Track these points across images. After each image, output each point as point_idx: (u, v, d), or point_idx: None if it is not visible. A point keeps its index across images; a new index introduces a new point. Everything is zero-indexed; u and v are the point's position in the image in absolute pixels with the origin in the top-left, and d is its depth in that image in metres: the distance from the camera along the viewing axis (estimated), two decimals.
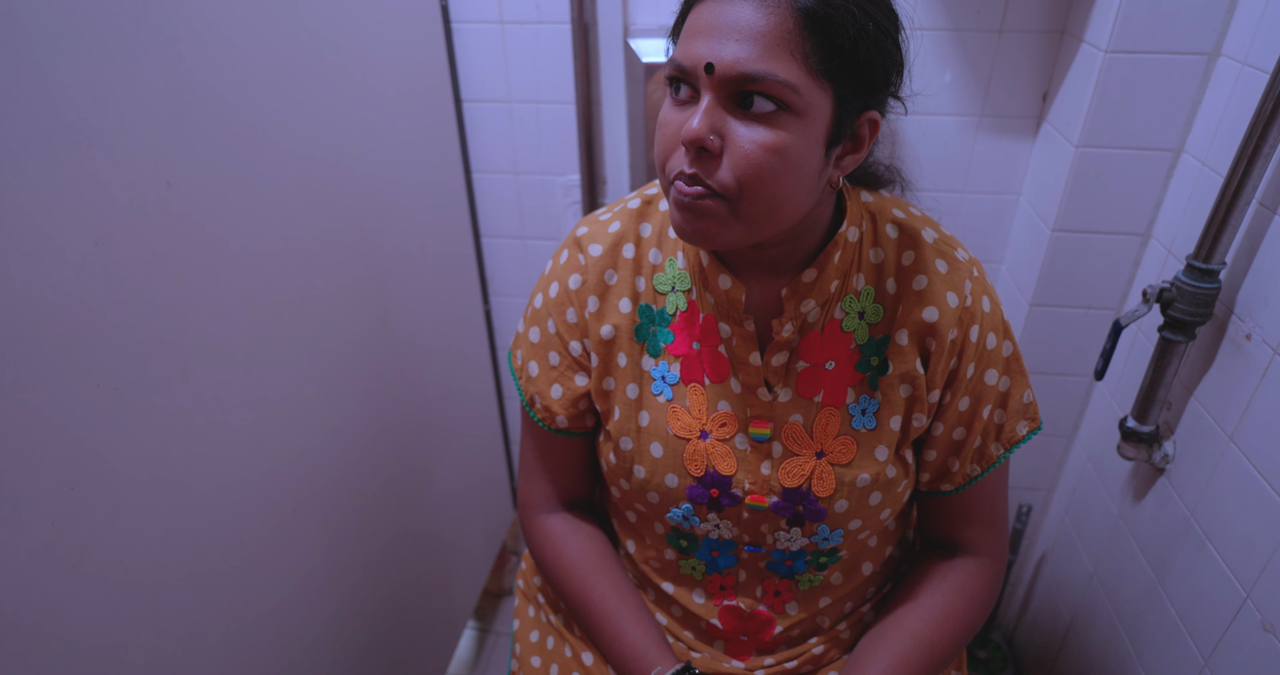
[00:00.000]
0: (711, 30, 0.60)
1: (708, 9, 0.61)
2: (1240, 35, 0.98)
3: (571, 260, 0.81)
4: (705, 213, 0.63)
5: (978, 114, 1.26)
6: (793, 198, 0.64)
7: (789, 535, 0.79)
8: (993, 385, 0.77)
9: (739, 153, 0.61)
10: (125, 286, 0.64)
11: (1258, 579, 0.86)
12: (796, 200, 0.65)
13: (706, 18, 0.61)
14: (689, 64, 0.61)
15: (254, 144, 0.79)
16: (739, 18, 0.59)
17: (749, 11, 0.59)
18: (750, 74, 0.59)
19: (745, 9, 0.59)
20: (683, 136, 0.61)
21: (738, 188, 0.62)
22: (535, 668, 0.93)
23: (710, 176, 0.62)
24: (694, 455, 0.77)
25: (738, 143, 0.61)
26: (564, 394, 0.83)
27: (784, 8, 0.59)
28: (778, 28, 0.59)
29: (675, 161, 0.64)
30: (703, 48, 0.60)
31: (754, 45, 0.59)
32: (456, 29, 1.32)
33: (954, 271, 0.75)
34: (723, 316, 0.76)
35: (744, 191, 0.62)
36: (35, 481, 0.57)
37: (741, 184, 0.62)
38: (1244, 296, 0.92)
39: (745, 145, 0.61)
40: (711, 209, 0.63)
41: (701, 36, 0.61)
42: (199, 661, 0.76)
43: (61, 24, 0.57)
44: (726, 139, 0.61)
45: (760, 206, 0.63)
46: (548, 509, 0.91)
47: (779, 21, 0.59)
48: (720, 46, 0.59)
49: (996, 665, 1.52)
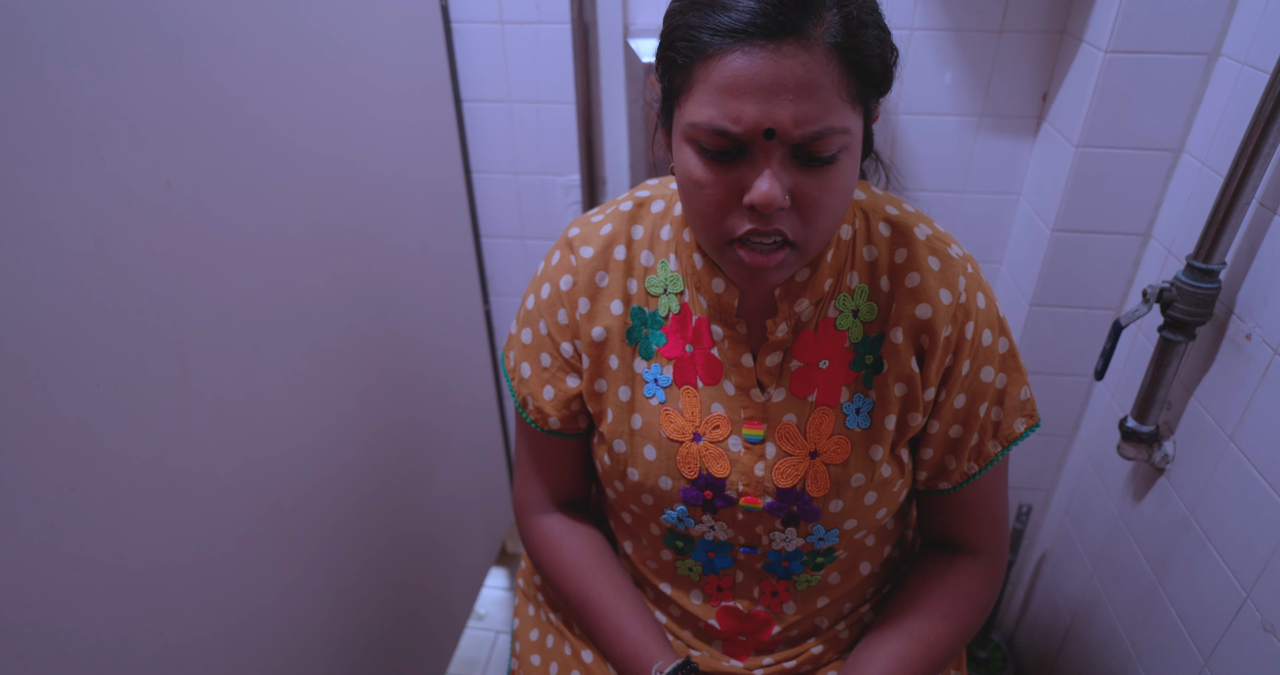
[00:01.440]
0: (756, 89, 0.57)
1: (741, 63, 0.57)
2: (1240, 35, 0.98)
3: (563, 261, 0.81)
4: (781, 266, 0.65)
5: (978, 114, 1.26)
6: (841, 220, 0.67)
7: (784, 536, 0.79)
8: (989, 382, 0.77)
9: (810, 202, 0.62)
10: (125, 286, 0.64)
11: (1258, 579, 0.86)
12: (841, 220, 0.67)
13: (745, 75, 0.57)
14: (741, 130, 0.58)
15: (254, 144, 0.79)
16: (788, 73, 0.56)
17: (795, 65, 0.56)
18: (816, 133, 0.58)
19: (789, 62, 0.56)
20: (758, 204, 0.60)
21: (807, 233, 0.63)
22: (535, 666, 0.93)
23: (784, 226, 0.63)
24: (687, 458, 0.77)
25: (808, 194, 0.61)
26: (556, 395, 0.83)
27: (824, 51, 0.57)
28: (824, 75, 0.57)
29: (735, 221, 0.63)
30: (754, 110, 0.57)
31: (810, 101, 0.57)
32: (456, 29, 1.32)
33: (947, 268, 0.75)
34: (715, 319, 0.76)
35: (813, 234, 0.64)
36: (35, 481, 0.57)
37: (813, 230, 0.63)
38: (1244, 296, 0.92)
39: (816, 195, 0.61)
40: (785, 261, 0.65)
41: (746, 97, 0.57)
42: (199, 661, 0.76)
43: (62, 24, 0.57)
44: (793, 192, 0.61)
45: (822, 240, 0.66)
46: (543, 510, 0.91)
47: (824, 68, 0.57)
48: (774, 108, 0.57)
49: (996, 665, 1.52)
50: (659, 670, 0.78)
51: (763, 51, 0.56)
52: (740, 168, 0.61)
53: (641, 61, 1.27)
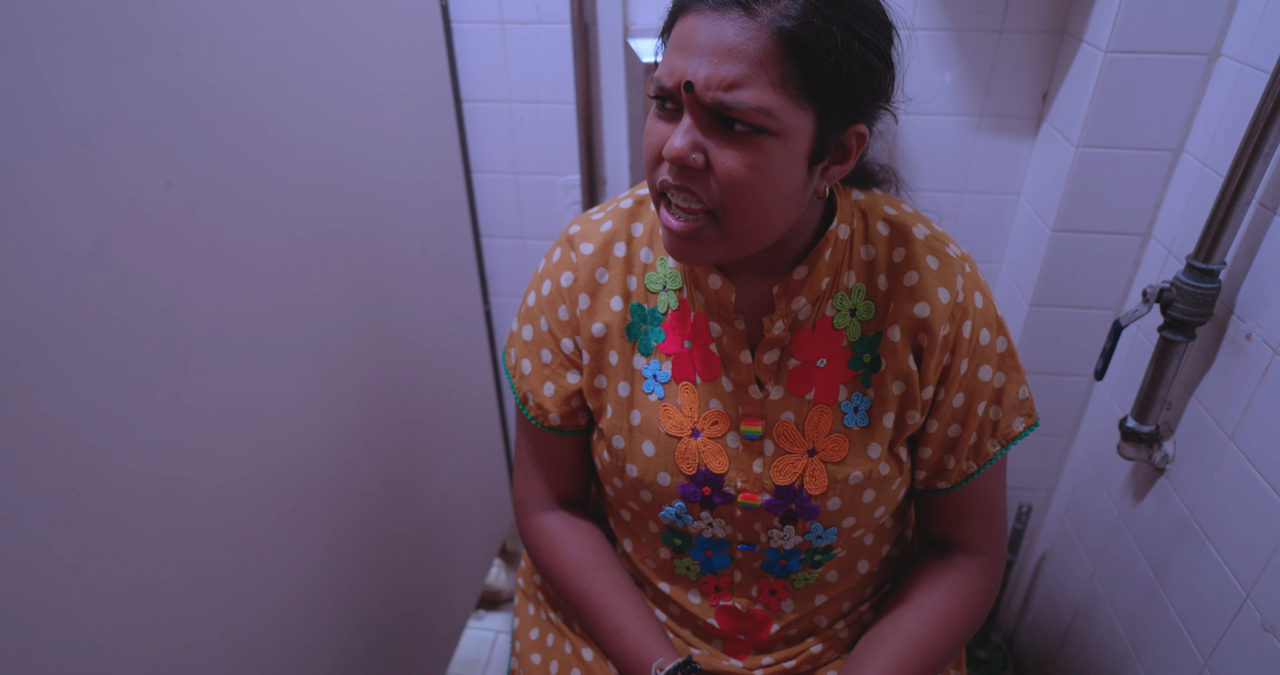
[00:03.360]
0: (693, 47, 0.60)
1: (692, 22, 0.61)
2: (1240, 35, 0.98)
3: (564, 258, 0.81)
4: (699, 237, 0.66)
5: (978, 114, 1.26)
6: (775, 214, 0.66)
7: (782, 533, 0.79)
8: (987, 381, 0.77)
9: (720, 171, 0.62)
10: (125, 286, 0.64)
11: (1258, 579, 0.86)
12: (779, 216, 0.66)
13: (689, 32, 0.61)
14: (669, 82, 0.62)
15: (254, 144, 0.79)
16: (721, 36, 0.59)
17: (730, 30, 0.58)
18: (724, 102, 0.59)
19: (727, 27, 0.59)
20: (665, 153, 0.62)
21: (723, 205, 0.63)
22: (535, 665, 0.93)
23: (699, 189, 0.63)
24: (686, 454, 0.78)
25: (718, 162, 0.62)
26: (556, 392, 0.83)
27: (765, 29, 0.58)
28: (757, 50, 0.58)
29: (661, 173, 0.65)
30: (682, 65, 0.60)
31: (731, 67, 0.59)
32: (456, 29, 1.32)
33: (945, 267, 0.75)
34: (713, 315, 0.76)
35: (729, 209, 0.64)
36: (35, 481, 0.57)
37: (725, 202, 0.63)
38: (1244, 296, 0.92)
39: (725, 164, 0.62)
40: (703, 232, 0.65)
41: (683, 52, 0.61)
42: (198, 661, 0.76)
43: (62, 24, 0.57)
44: (709, 157, 0.62)
45: (745, 223, 0.65)
46: (543, 507, 0.91)
47: (759, 44, 0.58)
48: (698, 65, 0.59)
49: (996, 665, 1.52)
50: (659, 668, 0.78)
51: (707, 15, 0.60)
52: (675, 122, 0.63)
53: (641, 61, 1.27)
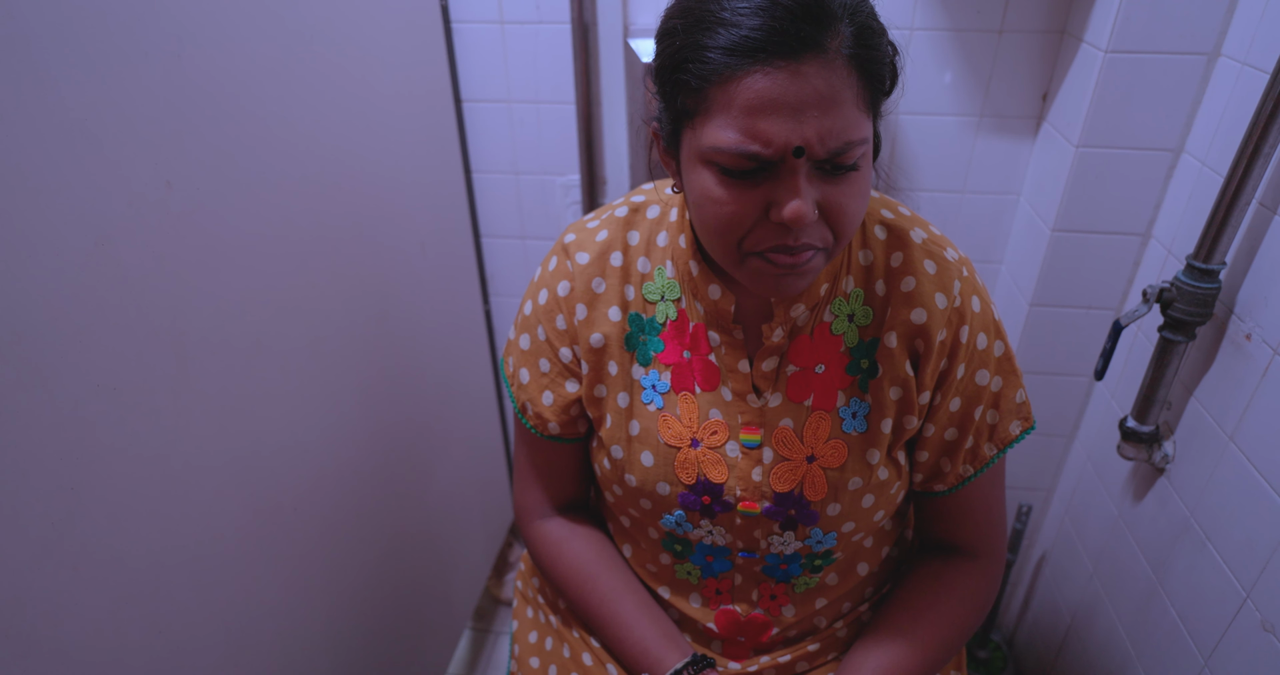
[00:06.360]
0: (782, 107, 0.56)
1: (761, 85, 0.56)
2: (1240, 35, 0.98)
3: (560, 267, 0.80)
4: (809, 272, 0.65)
5: (978, 114, 1.26)
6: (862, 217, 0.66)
7: (782, 539, 0.79)
8: (984, 385, 0.77)
9: (837, 211, 0.62)
10: (125, 286, 0.64)
11: (1258, 579, 0.86)
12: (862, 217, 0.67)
13: (769, 95, 0.56)
14: (771, 152, 0.57)
15: (254, 144, 0.79)
16: (812, 90, 0.56)
17: (818, 82, 0.56)
18: (838, 151, 0.58)
19: (811, 76, 0.56)
20: (790, 222, 0.59)
21: (837, 239, 0.64)
22: (534, 668, 0.93)
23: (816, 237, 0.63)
24: (685, 463, 0.77)
25: (832, 204, 0.61)
26: (555, 401, 0.83)
27: (843, 64, 0.57)
28: (845, 89, 0.57)
29: (759, 237, 0.62)
30: (782, 130, 0.56)
31: (834, 115, 0.57)
32: (456, 29, 1.32)
33: (942, 272, 0.74)
34: (712, 325, 0.76)
35: (840, 239, 0.64)
36: (35, 481, 0.57)
37: (840, 235, 0.64)
38: (1244, 296, 0.92)
39: (842, 203, 0.61)
40: (814, 266, 0.65)
41: (772, 118, 0.56)
42: (198, 661, 0.76)
43: (62, 23, 0.57)
44: (820, 203, 0.61)
45: (845, 242, 0.66)
46: (544, 514, 0.91)
47: (844, 81, 0.57)
48: (802, 126, 0.56)
49: (996, 665, 1.52)
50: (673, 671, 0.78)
51: (785, 70, 0.55)
52: (763, 184, 0.60)
53: (641, 61, 1.27)
